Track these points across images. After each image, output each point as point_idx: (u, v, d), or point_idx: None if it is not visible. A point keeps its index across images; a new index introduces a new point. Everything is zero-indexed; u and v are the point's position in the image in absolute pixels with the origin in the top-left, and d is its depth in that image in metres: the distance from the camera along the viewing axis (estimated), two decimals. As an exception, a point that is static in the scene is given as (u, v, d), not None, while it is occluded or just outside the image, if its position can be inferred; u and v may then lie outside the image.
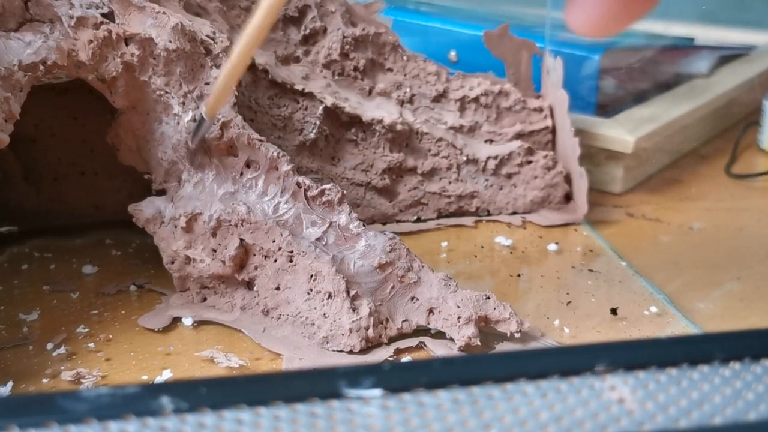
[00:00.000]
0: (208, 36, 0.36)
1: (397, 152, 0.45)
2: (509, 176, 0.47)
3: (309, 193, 0.34)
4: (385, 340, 0.33)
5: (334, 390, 0.18)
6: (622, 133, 0.49)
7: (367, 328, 0.32)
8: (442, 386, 0.18)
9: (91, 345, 0.33)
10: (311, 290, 0.33)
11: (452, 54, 0.52)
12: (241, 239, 0.34)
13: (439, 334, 0.33)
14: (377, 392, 0.18)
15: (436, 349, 0.33)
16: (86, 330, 0.34)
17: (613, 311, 0.36)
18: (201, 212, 0.35)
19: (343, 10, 0.45)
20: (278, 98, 0.42)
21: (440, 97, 0.47)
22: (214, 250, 0.35)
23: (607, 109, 0.53)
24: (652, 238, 0.44)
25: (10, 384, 0.30)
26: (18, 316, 0.35)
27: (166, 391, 0.17)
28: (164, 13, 0.35)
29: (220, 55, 0.36)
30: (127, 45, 0.34)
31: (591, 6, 0.21)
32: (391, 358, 0.32)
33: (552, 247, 0.43)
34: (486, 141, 0.47)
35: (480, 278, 0.40)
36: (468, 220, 0.46)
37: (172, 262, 0.35)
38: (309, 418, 0.17)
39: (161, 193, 0.37)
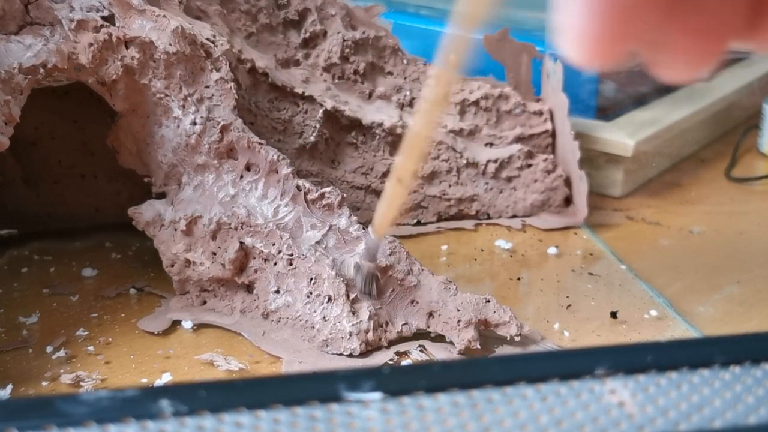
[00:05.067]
0: (208, 39, 0.36)
1: (397, 155, 0.45)
2: (509, 179, 0.47)
3: (309, 196, 0.34)
4: (385, 344, 0.33)
5: (334, 393, 0.18)
6: (622, 136, 0.49)
7: (367, 332, 0.32)
8: (442, 389, 0.18)
9: (91, 348, 0.33)
10: (311, 293, 0.33)
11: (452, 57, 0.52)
12: (241, 242, 0.34)
13: (439, 338, 0.33)
14: (377, 395, 0.18)
15: (436, 352, 0.33)
16: (86, 333, 0.34)
17: (613, 315, 0.36)
18: (201, 215, 0.34)
19: (344, 14, 0.45)
20: (278, 101, 0.42)
21: (440, 101, 0.47)
22: (214, 253, 0.35)
23: (607, 112, 0.53)
24: (652, 242, 0.44)
25: (9, 387, 0.30)
26: (18, 319, 0.35)
27: (166, 394, 0.17)
28: (164, 16, 0.35)
29: (221, 58, 0.36)
30: (127, 48, 0.34)
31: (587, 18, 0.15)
32: (390, 362, 0.32)
33: (552, 250, 0.43)
34: (486, 144, 0.47)
35: (480, 281, 0.40)
36: (468, 224, 0.46)
37: (172, 265, 0.35)
38: (309, 422, 0.17)
39: (161, 196, 0.37)
